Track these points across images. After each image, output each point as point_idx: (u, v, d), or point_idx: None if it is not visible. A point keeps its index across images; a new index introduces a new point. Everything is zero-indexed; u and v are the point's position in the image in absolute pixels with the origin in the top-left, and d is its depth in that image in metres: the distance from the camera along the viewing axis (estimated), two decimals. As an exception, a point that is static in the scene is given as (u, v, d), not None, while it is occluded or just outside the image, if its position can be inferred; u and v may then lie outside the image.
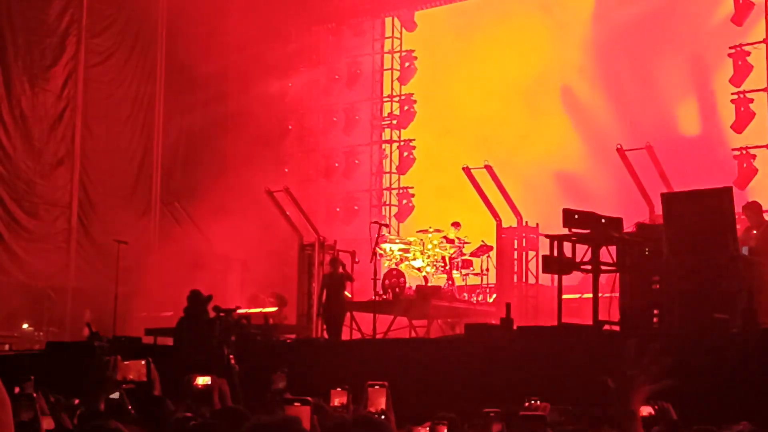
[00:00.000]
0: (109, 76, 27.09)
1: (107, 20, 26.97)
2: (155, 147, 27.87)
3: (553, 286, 16.59)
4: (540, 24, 24.89)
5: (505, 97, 25.05)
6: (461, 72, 25.75)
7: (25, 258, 24.85)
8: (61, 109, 26.07)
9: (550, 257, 14.69)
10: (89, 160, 26.48)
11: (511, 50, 25.02)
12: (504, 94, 25.11)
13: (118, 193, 26.86)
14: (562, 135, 24.21)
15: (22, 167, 25.22)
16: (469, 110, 25.52)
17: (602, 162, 22.56)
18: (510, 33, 25.15)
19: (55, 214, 25.73)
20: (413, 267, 21.30)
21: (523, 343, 13.75)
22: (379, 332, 18.72)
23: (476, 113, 25.30)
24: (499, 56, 25.19)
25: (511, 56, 25.01)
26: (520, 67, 24.87)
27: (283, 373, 11.04)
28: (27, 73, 25.40)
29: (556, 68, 24.60)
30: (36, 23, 25.57)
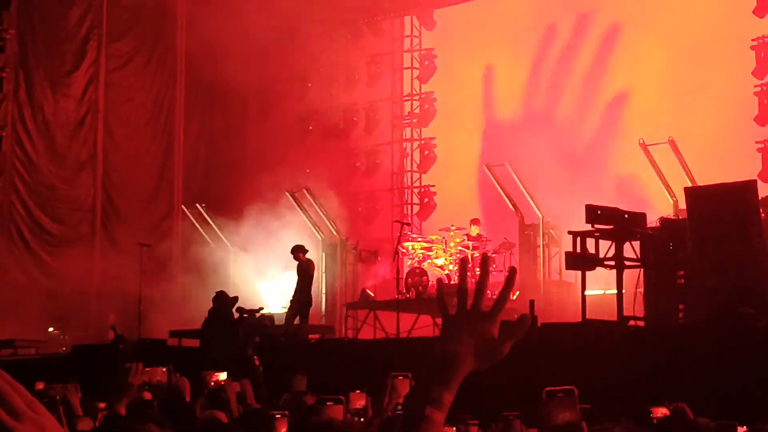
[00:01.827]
0: (130, 80, 27.18)
1: (126, 25, 27.06)
2: (176, 150, 27.93)
3: (576, 282, 16.57)
4: (559, 21, 24.81)
5: (524, 94, 25.00)
6: (481, 69, 25.70)
7: (50, 262, 24.96)
8: (83, 114, 26.17)
9: (574, 253, 14.67)
10: (111, 164, 26.57)
11: (529, 47, 24.96)
12: (523, 91, 25.06)
13: (141, 197, 26.95)
14: (584, 130, 24.13)
15: (45, 172, 25.33)
16: (489, 107, 25.47)
17: (625, 157, 22.48)
18: (528, 30, 25.09)
19: (79, 218, 25.83)
20: (436, 265, 21.28)
21: (547, 339, 13.71)
22: (402, 331, 18.70)
23: (497, 110, 25.25)
24: (518, 53, 25.14)
25: (529, 53, 24.95)
26: (539, 63, 24.81)
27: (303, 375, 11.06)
28: (48, 78, 25.51)
29: (574, 63, 24.51)
30: (56, 29, 25.68)
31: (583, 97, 24.29)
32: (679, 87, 22.78)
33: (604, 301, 15.47)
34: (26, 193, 25.08)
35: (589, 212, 14.42)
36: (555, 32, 24.74)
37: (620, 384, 11.93)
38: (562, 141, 24.03)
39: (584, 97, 24.29)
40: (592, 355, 12.81)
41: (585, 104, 24.29)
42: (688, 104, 22.39)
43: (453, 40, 26.64)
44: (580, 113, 24.28)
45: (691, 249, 13.81)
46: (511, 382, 12.82)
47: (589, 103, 24.26)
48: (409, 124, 27.65)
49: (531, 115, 24.70)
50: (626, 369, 12.45)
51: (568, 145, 23.93)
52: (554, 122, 24.39)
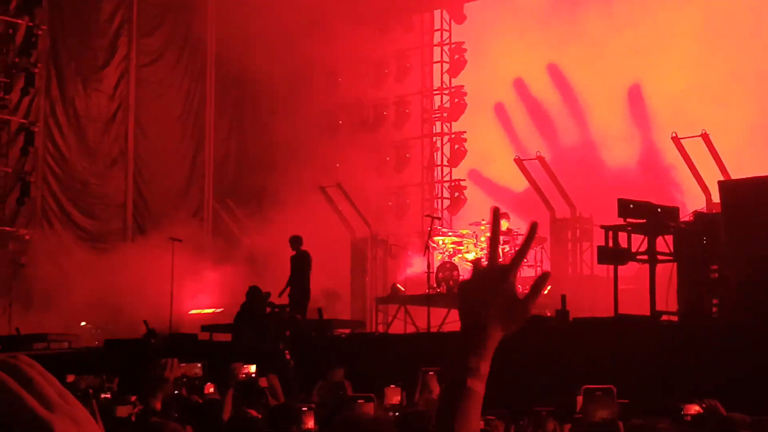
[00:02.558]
0: (160, 75, 27.26)
1: (157, 20, 27.14)
2: (207, 145, 28.00)
3: (608, 277, 16.49)
4: (586, 10, 24.69)
5: (554, 87, 24.91)
6: (511, 62, 25.61)
7: (82, 257, 25.05)
8: (114, 110, 26.28)
9: (606, 248, 14.60)
10: (142, 159, 26.67)
11: (558, 38, 24.85)
12: (553, 83, 24.97)
13: (172, 192, 27.04)
14: (614, 123, 24.02)
15: (77, 168, 25.45)
16: (520, 101, 25.40)
17: (658, 150, 22.37)
18: (557, 23, 24.98)
19: (110, 213, 25.94)
20: (467, 259, 21.22)
21: (579, 334, 13.66)
22: (433, 326, 18.65)
23: (527, 103, 25.17)
24: (548, 45, 25.03)
25: (558, 44, 24.85)
26: (569, 56, 24.71)
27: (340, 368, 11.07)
28: (80, 74, 25.62)
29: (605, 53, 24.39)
30: (88, 25, 25.79)
31: (616, 90, 24.15)
32: (712, 79, 22.62)
33: (637, 296, 15.38)
34: (58, 188, 25.20)
35: (622, 206, 14.35)
36: (582, 22, 24.62)
37: (653, 379, 11.87)
38: (594, 134, 23.93)
39: (617, 89, 24.16)
40: (625, 350, 12.74)
41: (617, 97, 24.16)
42: (721, 97, 22.23)
43: (483, 34, 26.57)
44: (613, 106, 24.15)
45: (725, 243, 13.71)
46: (542, 377, 12.79)
47: (622, 96, 24.13)
48: (439, 118, 27.61)
49: (562, 109, 24.61)
50: (659, 364, 12.38)
51: (600, 138, 23.83)
52: (586, 115, 24.28)
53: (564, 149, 23.23)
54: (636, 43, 23.91)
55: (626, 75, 24.07)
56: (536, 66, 25.23)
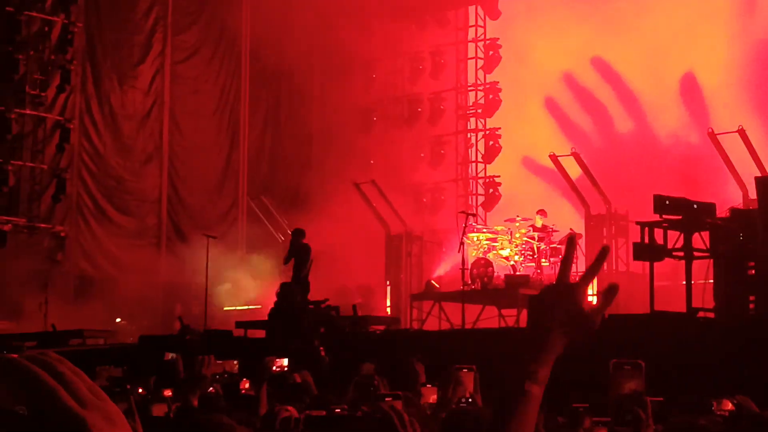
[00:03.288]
0: (195, 72, 27.35)
1: (192, 17, 27.23)
2: (241, 141, 28.06)
3: (644, 273, 16.40)
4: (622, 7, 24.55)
5: (588, 82, 24.80)
6: (545, 58, 25.51)
7: (117, 254, 25.19)
8: (149, 106, 26.38)
9: (642, 244, 14.52)
10: (177, 155, 26.76)
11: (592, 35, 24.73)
12: (587, 79, 24.86)
13: (206, 188, 27.12)
14: (652, 119, 23.88)
15: (112, 164, 25.57)
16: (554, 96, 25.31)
17: (693, 146, 22.23)
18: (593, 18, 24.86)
19: (145, 210, 26.05)
20: (501, 256, 21.16)
21: (615, 331, 13.58)
22: (467, 322, 18.63)
23: (562, 99, 25.08)
24: (582, 41, 24.91)
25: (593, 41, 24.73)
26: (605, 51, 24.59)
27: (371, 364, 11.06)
28: (115, 70, 25.75)
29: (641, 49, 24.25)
30: (123, 22, 25.91)
31: (650, 85, 24.02)
32: (748, 74, 22.46)
33: (673, 293, 15.30)
34: (93, 185, 25.33)
35: (657, 202, 14.27)
36: (619, 18, 24.48)
37: (689, 376, 11.78)
38: (630, 130, 23.81)
39: (651, 84, 24.02)
40: (661, 347, 12.66)
41: (652, 92, 24.03)
42: (757, 92, 22.07)
43: (517, 30, 26.48)
44: (648, 101, 24.03)
45: (762, 240, 13.60)
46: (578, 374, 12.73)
47: (657, 91, 23.99)
48: (473, 115, 27.56)
49: (597, 104, 24.50)
50: (695, 361, 12.30)
51: (636, 134, 23.71)
52: (621, 111, 24.16)
53: (599, 145, 23.12)
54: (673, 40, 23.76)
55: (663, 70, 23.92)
56: (571, 61, 25.10)
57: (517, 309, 19.45)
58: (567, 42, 25.04)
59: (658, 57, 23.90)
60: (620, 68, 24.46)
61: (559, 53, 25.18)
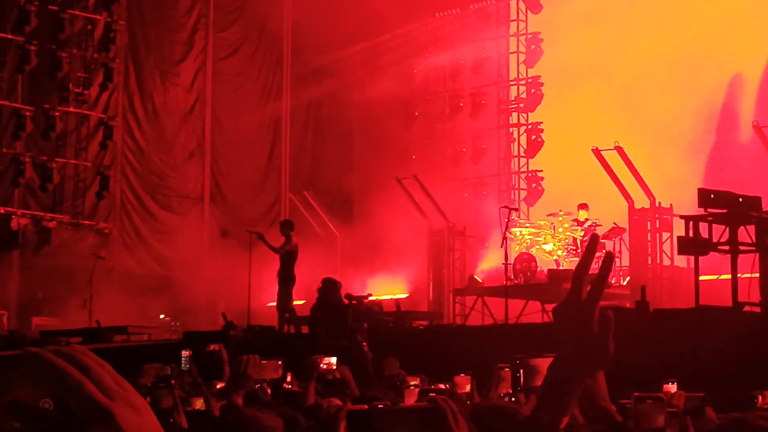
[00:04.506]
0: (237, 68, 27.45)
1: (233, 14, 27.32)
2: (283, 137, 28.13)
3: (689, 268, 16.28)
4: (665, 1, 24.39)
5: (632, 77, 24.63)
6: (588, 52, 25.36)
7: (161, 250, 25.33)
8: (192, 103, 26.51)
9: (686, 238, 14.41)
10: (219, 152, 26.87)
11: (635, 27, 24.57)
12: (631, 74, 24.69)
13: (248, 184, 27.20)
14: (696, 112, 23.69)
15: (155, 161, 25.71)
16: (598, 91, 25.15)
17: (738, 138, 22.04)
18: (635, 11, 24.70)
19: (188, 206, 26.17)
20: (544, 251, 21.08)
21: (660, 326, 13.49)
22: (511, 317, 18.57)
23: (605, 93, 24.91)
24: (625, 35, 24.75)
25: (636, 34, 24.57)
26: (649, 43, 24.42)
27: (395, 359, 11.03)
28: (158, 68, 25.89)
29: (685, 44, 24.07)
30: (165, 20, 26.05)
31: (695, 79, 23.83)
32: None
33: (718, 287, 15.18)
34: (136, 181, 25.48)
35: (702, 196, 14.16)
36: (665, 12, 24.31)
37: (735, 371, 11.68)
38: (673, 123, 23.63)
39: (696, 78, 23.83)
40: (706, 341, 12.56)
41: (697, 86, 23.84)
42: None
43: (559, 24, 26.34)
44: (692, 95, 23.83)
45: (809, 233, 13.47)
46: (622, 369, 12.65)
47: (702, 84, 23.80)
48: (515, 109, 27.46)
49: (641, 97, 24.32)
50: (741, 355, 12.19)
51: (680, 127, 23.52)
52: (665, 104, 23.98)
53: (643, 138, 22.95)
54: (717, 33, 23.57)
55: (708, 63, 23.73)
56: (614, 55, 24.94)
57: (561, 304, 19.30)
58: (609, 34, 24.88)
59: (703, 48, 23.69)
60: (664, 60, 24.27)
61: (601, 45, 25.02)
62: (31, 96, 23.84)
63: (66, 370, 1.40)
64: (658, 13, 24.35)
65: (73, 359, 1.43)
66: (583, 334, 2.11)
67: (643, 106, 24.13)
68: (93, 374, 1.43)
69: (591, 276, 2.16)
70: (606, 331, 2.11)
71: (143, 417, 1.45)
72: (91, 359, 1.45)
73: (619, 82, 24.72)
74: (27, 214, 23.68)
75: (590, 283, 2.13)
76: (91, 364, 1.44)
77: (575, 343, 2.11)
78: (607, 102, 24.59)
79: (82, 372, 1.42)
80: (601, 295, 2.12)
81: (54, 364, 1.41)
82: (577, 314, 2.11)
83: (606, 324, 2.10)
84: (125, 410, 1.43)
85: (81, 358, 1.44)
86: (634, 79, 24.59)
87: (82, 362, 1.43)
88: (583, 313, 2.11)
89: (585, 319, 2.10)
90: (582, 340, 2.11)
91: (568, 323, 2.12)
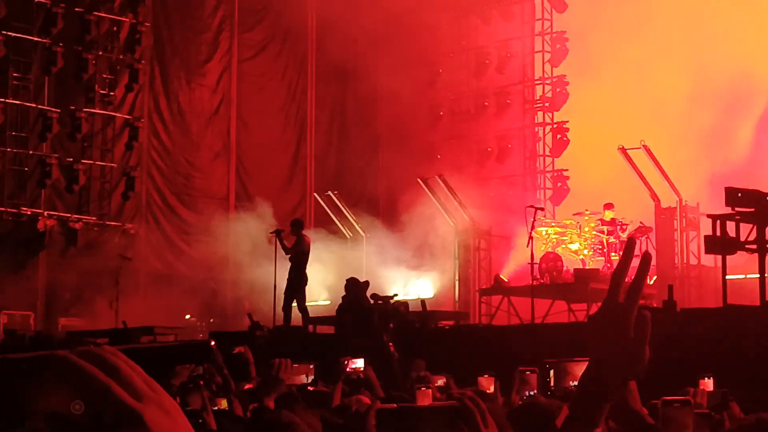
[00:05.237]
0: (262, 69, 27.49)
1: (258, 15, 27.37)
2: (309, 137, 28.16)
3: (716, 267, 16.21)
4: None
5: (657, 75, 24.53)
6: (614, 50, 25.26)
7: (186, 250, 25.39)
8: (217, 104, 26.57)
9: (713, 237, 14.34)
10: (245, 152, 26.92)
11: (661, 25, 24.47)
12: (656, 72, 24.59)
13: (274, 185, 27.23)
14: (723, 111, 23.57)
15: (180, 161, 25.79)
16: (624, 89, 25.05)
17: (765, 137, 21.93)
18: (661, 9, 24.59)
19: (214, 206, 26.21)
20: (570, 250, 21.04)
21: (687, 325, 13.43)
22: (537, 317, 18.53)
23: (631, 92, 24.82)
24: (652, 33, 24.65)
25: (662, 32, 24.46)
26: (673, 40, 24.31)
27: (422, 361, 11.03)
28: (183, 69, 25.96)
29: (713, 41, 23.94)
30: (190, 21, 26.13)
31: (723, 77, 23.71)
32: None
33: (746, 286, 15.10)
34: (162, 182, 25.55)
35: (729, 195, 14.08)
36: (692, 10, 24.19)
37: (763, 370, 11.62)
38: (700, 122, 23.52)
39: (724, 76, 23.71)
40: (734, 341, 12.50)
41: (724, 83, 23.72)
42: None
43: (584, 22, 26.24)
44: (719, 93, 23.70)
45: (837, 231, 13.38)
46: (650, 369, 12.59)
47: (730, 82, 23.68)
48: (541, 108, 27.39)
49: (667, 96, 24.22)
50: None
51: (706, 126, 23.41)
52: (692, 102, 23.86)
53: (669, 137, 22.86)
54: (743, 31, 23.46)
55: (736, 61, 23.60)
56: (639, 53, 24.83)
57: (587, 303, 19.32)
58: (635, 32, 24.79)
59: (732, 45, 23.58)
60: (690, 58, 24.14)
61: (626, 44, 24.92)
62: (57, 97, 23.94)
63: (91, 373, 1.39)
64: (684, 10, 24.23)
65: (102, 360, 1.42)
66: (618, 338, 2.06)
67: (670, 105, 24.01)
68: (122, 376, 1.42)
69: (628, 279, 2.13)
70: (643, 334, 2.06)
71: (174, 419, 1.44)
72: (121, 360, 1.44)
73: (645, 80, 24.62)
74: (53, 215, 23.78)
75: (628, 285, 2.09)
76: (121, 365, 1.43)
77: (610, 348, 2.07)
78: (633, 101, 24.50)
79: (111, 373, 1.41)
80: (639, 297, 2.08)
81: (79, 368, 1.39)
82: (614, 318, 2.06)
83: (643, 326, 2.05)
84: (155, 413, 1.41)
85: (110, 359, 1.43)
86: (660, 78, 24.48)
87: (112, 363, 1.42)
88: (621, 316, 2.06)
89: (622, 322, 2.06)
90: (617, 345, 2.06)
91: (604, 328, 2.07)
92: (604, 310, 2.08)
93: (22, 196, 23.65)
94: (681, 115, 23.67)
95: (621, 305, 2.06)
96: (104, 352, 1.43)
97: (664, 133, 22.90)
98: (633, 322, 2.05)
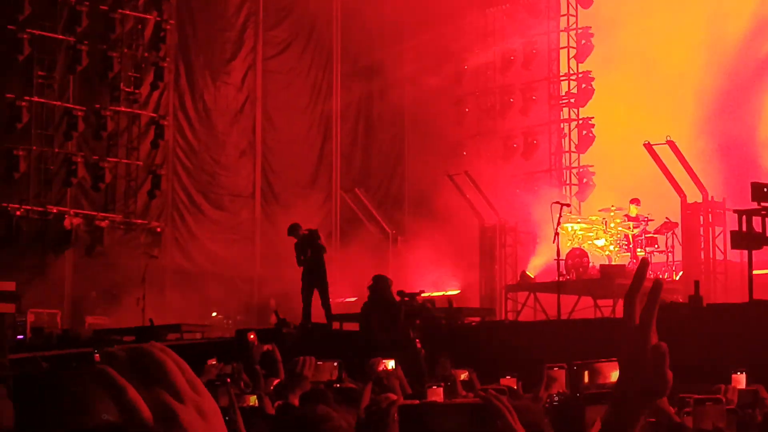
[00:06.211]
0: (287, 66, 27.50)
1: (283, 12, 27.38)
2: (334, 135, 28.16)
3: (742, 262, 16.15)
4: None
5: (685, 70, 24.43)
6: (639, 46, 25.17)
7: (213, 248, 25.45)
8: (242, 102, 26.60)
9: (739, 232, 14.30)
10: (270, 150, 26.95)
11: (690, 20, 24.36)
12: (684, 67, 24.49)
13: (300, 182, 27.26)
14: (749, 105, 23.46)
15: (206, 160, 25.84)
16: (649, 85, 24.96)
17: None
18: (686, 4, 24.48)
19: (240, 204, 26.27)
20: (596, 246, 21.00)
21: (713, 321, 13.39)
22: (563, 313, 18.49)
23: (656, 88, 24.73)
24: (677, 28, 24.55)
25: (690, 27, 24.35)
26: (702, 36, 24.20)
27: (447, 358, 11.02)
28: (208, 67, 26.01)
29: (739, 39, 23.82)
30: (215, 18, 26.17)
31: (748, 72, 23.61)
32: None
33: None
34: (188, 180, 25.61)
35: (755, 190, 14.03)
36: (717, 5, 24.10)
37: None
38: (727, 117, 23.42)
39: (749, 71, 23.61)
40: (760, 335, 12.45)
41: (749, 79, 23.62)
42: None
43: (610, 18, 26.15)
44: (744, 88, 23.60)
45: None
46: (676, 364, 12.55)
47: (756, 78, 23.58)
48: (566, 104, 27.31)
49: (693, 92, 24.12)
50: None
51: (732, 121, 23.31)
52: (718, 98, 23.76)
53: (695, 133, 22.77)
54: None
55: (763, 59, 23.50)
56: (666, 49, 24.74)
57: (613, 299, 19.26)
58: (660, 27, 24.70)
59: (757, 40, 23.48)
60: (714, 54, 24.03)
61: (651, 39, 24.84)
62: (82, 96, 24.04)
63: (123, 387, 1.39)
64: (710, 5, 24.13)
65: (151, 357, 1.42)
66: (638, 360, 2.04)
67: (695, 100, 23.91)
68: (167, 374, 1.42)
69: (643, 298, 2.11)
70: (661, 361, 2.04)
71: (210, 423, 1.44)
72: (168, 356, 1.44)
73: (671, 76, 24.52)
74: (79, 213, 23.89)
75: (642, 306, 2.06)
76: (168, 362, 1.43)
77: (632, 370, 2.06)
78: (658, 96, 24.39)
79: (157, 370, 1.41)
80: (653, 317, 2.05)
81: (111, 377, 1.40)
82: (631, 341, 2.05)
83: (660, 356, 2.03)
84: (192, 414, 1.42)
85: (158, 356, 1.43)
86: (685, 73, 24.38)
87: (159, 360, 1.43)
88: (637, 340, 2.04)
89: (639, 345, 2.04)
90: (638, 367, 2.04)
91: (624, 350, 2.06)
92: (620, 335, 2.07)
93: (48, 194, 23.76)
94: (706, 110, 23.56)
95: (636, 328, 2.04)
96: (153, 348, 1.43)
97: (690, 128, 22.81)
98: (650, 345, 2.03)
